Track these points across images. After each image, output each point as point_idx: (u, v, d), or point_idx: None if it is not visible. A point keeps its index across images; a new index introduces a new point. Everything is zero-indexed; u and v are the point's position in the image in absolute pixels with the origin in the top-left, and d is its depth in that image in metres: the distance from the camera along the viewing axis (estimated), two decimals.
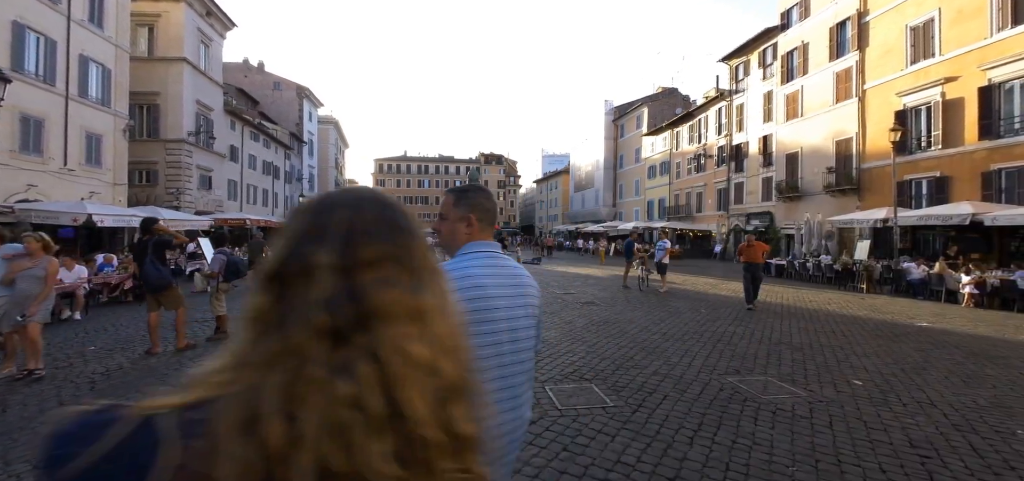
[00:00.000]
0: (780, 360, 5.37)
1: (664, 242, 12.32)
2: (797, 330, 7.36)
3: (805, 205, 24.87)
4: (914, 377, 4.88)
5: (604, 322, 7.62)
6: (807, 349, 6.01)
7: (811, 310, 9.69)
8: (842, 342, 6.53)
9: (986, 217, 13.40)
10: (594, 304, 9.76)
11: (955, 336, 7.36)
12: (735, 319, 8.10)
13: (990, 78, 16.73)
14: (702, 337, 6.55)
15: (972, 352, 6.21)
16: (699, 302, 10.42)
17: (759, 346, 6.07)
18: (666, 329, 7.05)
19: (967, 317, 9.39)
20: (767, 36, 28.78)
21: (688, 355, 5.49)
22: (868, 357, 5.70)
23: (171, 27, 27.14)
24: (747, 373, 4.81)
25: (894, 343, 6.66)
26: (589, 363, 5.00)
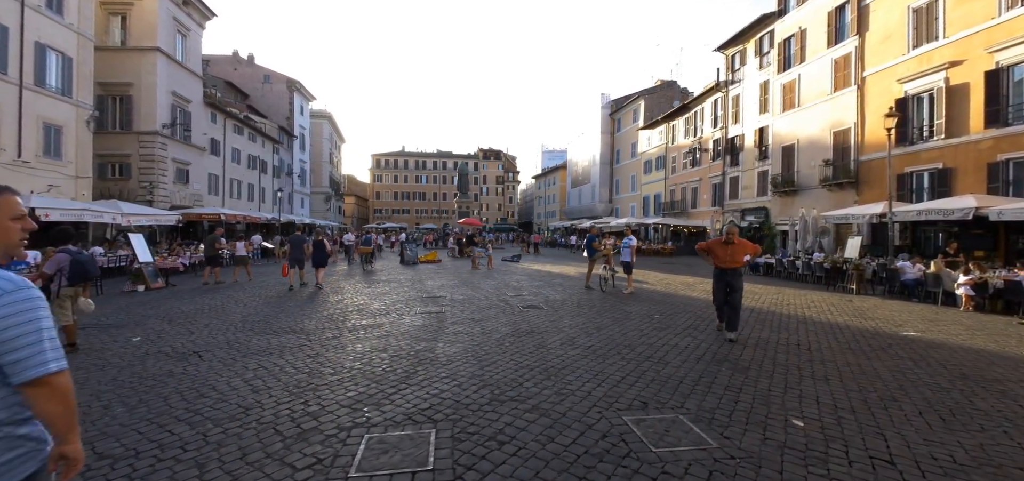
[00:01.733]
0: (711, 387, 4.31)
1: (630, 239, 11.25)
2: (756, 342, 6.27)
3: (801, 200, 23.63)
4: (878, 413, 3.80)
5: (528, 332, 6.58)
6: (754, 370, 4.93)
7: (784, 316, 8.59)
8: (804, 360, 5.45)
9: (991, 211, 12.19)
10: (537, 308, 8.72)
11: (945, 350, 6.25)
12: (688, 329, 7.03)
13: (997, 61, 15.43)
14: (631, 353, 5.50)
15: (961, 374, 5.11)
16: (661, 306, 9.35)
17: (695, 366, 5.01)
18: (594, 342, 6.00)
19: (964, 324, 8.25)
20: (764, 23, 27.45)
21: (595, 379, 4.44)
22: (829, 382, 4.62)
23: (145, 16, 26.33)
24: (656, 407, 3.76)
25: (869, 360, 5.57)
26: (457, 395, 3.96)
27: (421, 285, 12.60)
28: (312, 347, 5.74)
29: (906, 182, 18.75)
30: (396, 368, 4.80)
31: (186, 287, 12.58)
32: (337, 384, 4.28)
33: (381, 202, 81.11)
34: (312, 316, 7.94)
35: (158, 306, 9.19)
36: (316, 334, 6.49)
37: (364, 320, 7.51)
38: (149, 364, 5.09)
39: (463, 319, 7.52)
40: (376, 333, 6.52)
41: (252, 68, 48.92)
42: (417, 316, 7.81)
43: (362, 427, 3.31)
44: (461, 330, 6.70)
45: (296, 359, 5.23)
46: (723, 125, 31.32)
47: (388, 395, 3.94)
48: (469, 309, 8.55)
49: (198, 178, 30.48)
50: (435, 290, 11.41)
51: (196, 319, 7.72)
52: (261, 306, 9.06)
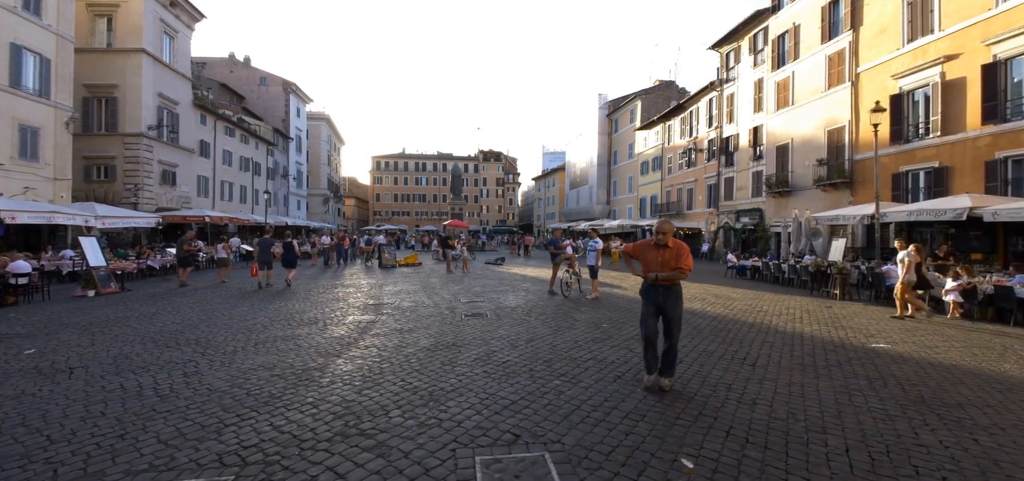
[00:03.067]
0: (610, 413, 3.73)
1: (595, 242, 10.65)
2: (696, 356, 5.68)
3: (795, 201, 22.88)
4: (795, 451, 3.20)
5: (449, 346, 6.01)
6: (674, 392, 4.34)
7: (747, 324, 7.95)
8: (740, 379, 4.85)
9: (985, 211, 11.45)
10: (481, 317, 8.17)
11: (911, 366, 5.61)
12: (630, 340, 6.45)
13: (995, 54, 14.67)
14: (545, 370, 4.93)
15: (919, 396, 4.49)
16: (617, 314, 8.76)
17: (609, 386, 4.43)
18: (512, 357, 5.43)
19: (944, 334, 7.57)
20: (758, 19, 26.75)
21: (480, 405, 3.85)
22: (755, 407, 4.02)
23: (130, 17, 26.21)
24: (526, 442, 3.18)
25: (817, 379, 4.95)
26: (298, 429, 3.35)
27: (379, 290, 12.10)
28: (198, 363, 5.23)
29: (901, 182, 17.97)
30: (264, 391, 4.26)
31: (144, 291, 12.20)
32: (175, 413, 3.74)
33: (381, 204, 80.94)
34: (235, 325, 7.45)
35: (91, 313, 8.77)
36: (218, 347, 5.98)
37: (284, 331, 7.00)
38: (13, 382, 4.61)
39: (389, 331, 6.98)
40: (282, 347, 6.00)
41: (248, 70, 48.90)
42: (343, 327, 7.29)
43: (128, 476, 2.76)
44: (377, 343, 6.17)
45: (169, 377, 4.72)
46: (718, 125, 30.59)
47: (217, 431, 3.39)
48: (406, 319, 8.01)
49: (186, 180, 30.28)
50: (387, 296, 10.89)
51: (113, 328, 7.26)
52: (199, 312, 8.60)
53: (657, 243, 4.47)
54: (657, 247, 4.48)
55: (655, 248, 4.50)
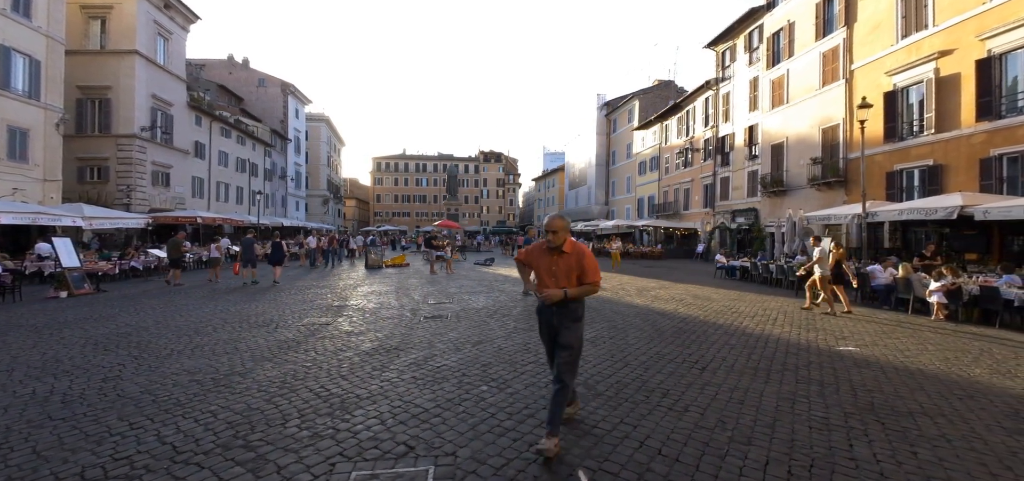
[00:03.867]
0: (524, 421, 3.50)
1: None
2: (645, 360, 5.43)
3: (790, 200, 22.51)
4: (707, 467, 2.96)
5: (392, 349, 5.80)
6: (604, 397, 4.10)
7: (713, 325, 7.68)
8: (682, 383, 4.60)
9: (976, 210, 11.08)
10: (440, 319, 7.96)
11: (872, 370, 5.34)
12: (586, 342, 6.21)
13: (989, 49, 14.30)
14: (479, 376, 4.73)
15: (869, 403, 4.23)
16: (585, 313, 8.51)
17: (530, 395, 4.10)
18: (450, 362, 5.22)
19: (921, 337, 7.27)
20: (753, 17, 26.40)
21: (388, 415, 3.58)
22: (685, 414, 3.77)
23: (124, 19, 26.28)
24: (417, 456, 2.96)
25: (765, 383, 4.70)
26: (160, 447, 3.20)
27: (351, 291, 11.94)
28: (125, 367, 5.07)
29: (895, 180, 17.60)
30: (173, 398, 4.06)
31: (121, 292, 12.09)
32: (68, 422, 3.49)
33: (381, 205, 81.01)
34: (187, 327, 7.30)
35: (54, 314, 8.64)
36: (155, 350, 5.82)
37: (231, 333, 6.82)
38: None
39: (338, 333, 6.79)
40: (219, 350, 5.82)
41: (247, 72, 49.05)
42: (293, 329, 7.10)
43: None
44: (319, 347, 5.97)
45: (86, 383, 4.56)
46: (714, 124, 30.23)
47: (98, 442, 3.16)
48: (362, 321, 7.81)
49: (181, 181, 30.33)
50: (356, 298, 10.70)
51: (63, 331, 7.12)
52: (159, 314, 8.47)
53: (549, 246, 3.28)
54: (550, 252, 3.29)
55: (547, 253, 3.31)
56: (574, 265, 3.24)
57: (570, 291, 3.16)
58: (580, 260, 3.23)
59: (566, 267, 3.23)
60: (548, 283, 3.26)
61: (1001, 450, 3.36)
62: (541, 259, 3.36)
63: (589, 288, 3.24)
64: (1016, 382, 5.06)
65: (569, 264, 3.24)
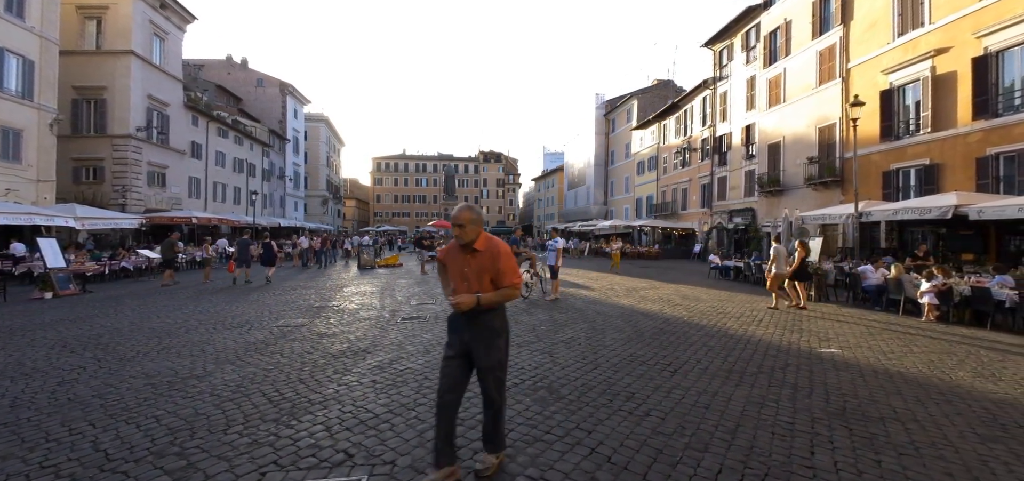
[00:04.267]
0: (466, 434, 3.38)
1: (556, 241, 10.29)
2: (617, 361, 5.31)
3: (787, 200, 22.32)
4: (656, 477, 2.84)
5: (356, 352, 5.69)
6: (553, 404, 3.98)
7: (695, 327, 7.54)
8: (650, 386, 4.48)
9: (970, 210, 10.91)
10: (418, 320, 7.84)
11: (850, 372, 5.21)
12: (556, 346, 6.09)
13: (985, 47, 14.11)
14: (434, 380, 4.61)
15: (840, 407, 4.11)
16: (565, 316, 8.40)
17: None
18: (413, 365, 5.10)
19: (908, 339, 7.11)
20: (750, 16, 26.23)
21: (319, 426, 3.53)
22: (642, 420, 3.65)
23: (119, 19, 26.28)
24: (352, 466, 2.85)
25: (738, 386, 4.57)
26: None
27: (336, 292, 11.85)
28: (86, 369, 4.99)
29: (892, 180, 17.41)
30: (123, 402, 3.96)
31: (107, 293, 12.02)
32: (7, 428, 3.45)
33: (381, 205, 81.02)
34: (162, 328, 7.21)
35: (33, 316, 8.57)
36: (120, 352, 5.74)
37: (203, 334, 6.73)
38: None
39: (311, 335, 6.68)
40: (186, 352, 5.72)
41: (246, 72, 49.08)
42: (267, 331, 7.00)
43: None
44: (287, 349, 5.87)
45: (42, 386, 4.48)
46: (711, 124, 30.06)
47: (29, 449, 3.05)
48: (338, 322, 7.71)
49: (177, 181, 30.31)
50: (338, 299, 10.59)
51: (37, 332, 7.04)
52: (138, 315, 8.39)
53: (461, 243, 2.78)
54: (462, 250, 2.79)
55: (461, 251, 2.81)
56: (487, 266, 2.72)
57: (483, 297, 2.64)
58: (495, 260, 2.73)
59: (478, 268, 2.73)
60: (460, 288, 2.77)
61: (970, 459, 3.23)
62: (454, 259, 2.84)
63: (507, 293, 2.74)
64: (999, 386, 4.92)
65: (482, 264, 2.73)
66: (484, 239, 2.79)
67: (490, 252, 2.75)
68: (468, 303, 2.61)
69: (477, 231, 2.77)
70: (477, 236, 2.76)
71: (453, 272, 2.84)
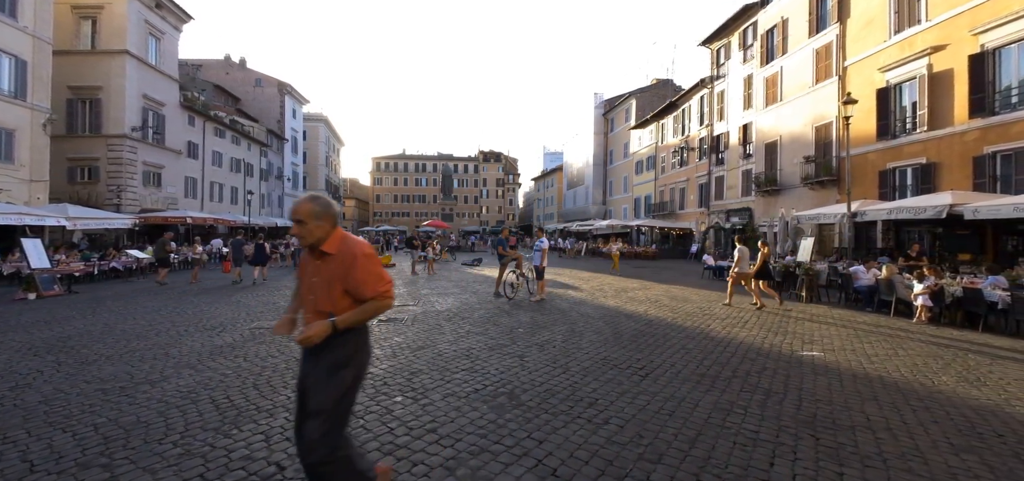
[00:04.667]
0: (407, 445, 3.24)
1: (542, 241, 10.14)
2: (588, 364, 5.16)
3: (784, 199, 22.13)
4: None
5: None
6: (510, 411, 3.84)
7: (680, 328, 7.38)
8: (616, 391, 4.34)
9: (965, 209, 10.73)
10: (395, 322, 7.71)
11: (829, 377, 5.05)
12: (528, 350, 5.95)
13: (983, 44, 13.91)
14: (400, 385, 4.50)
15: (811, 415, 3.96)
16: (546, 317, 8.26)
17: (441, 407, 3.95)
18: (375, 370, 4.98)
19: (895, 342, 6.94)
20: (747, 14, 26.02)
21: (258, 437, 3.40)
22: (599, 429, 3.50)
23: (114, 19, 26.25)
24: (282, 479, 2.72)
25: (708, 392, 4.42)
26: None
27: None
28: (42, 374, 4.88)
29: (888, 179, 17.20)
30: (65, 410, 3.80)
31: (93, 293, 11.93)
32: None
33: (381, 205, 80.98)
34: (134, 331, 7.10)
35: (11, 317, 8.47)
36: (83, 356, 5.62)
37: (171, 338, 6.61)
38: None
39: (279, 339, 6.55)
40: (148, 356, 5.59)
41: (244, 72, 49.08)
42: (238, 334, 6.88)
43: None
44: (251, 353, 5.74)
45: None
46: (709, 123, 29.85)
47: None
48: None
49: (173, 181, 30.27)
50: None
51: (9, 334, 6.94)
52: (114, 317, 8.28)
53: (306, 246, 2.20)
54: (312, 256, 2.21)
55: (310, 258, 2.24)
56: (339, 274, 2.10)
57: (339, 319, 2.05)
58: (348, 267, 2.09)
59: (328, 278, 2.12)
60: (305, 305, 2.20)
61: (940, 471, 3.08)
62: (304, 269, 2.26)
63: (371, 308, 2.13)
64: (982, 392, 4.75)
65: (333, 273, 2.11)
66: (338, 240, 2.18)
67: (344, 256, 2.12)
68: (317, 335, 2.01)
69: (325, 229, 2.15)
70: (326, 235, 2.15)
71: (302, 287, 2.27)
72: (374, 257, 2.20)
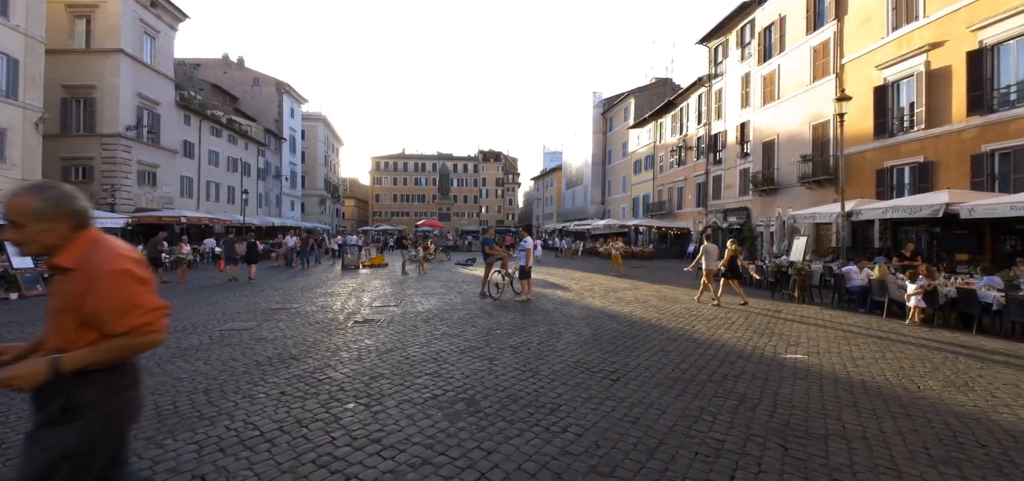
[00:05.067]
0: (345, 459, 3.07)
1: (526, 241, 9.95)
2: (559, 368, 4.97)
3: (781, 199, 21.90)
4: None
5: (277, 361, 5.37)
6: (464, 415, 3.66)
7: (663, 329, 7.19)
8: (579, 397, 4.16)
9: (962, 208, 10.51)
10: (371, 323, 7.53)
11: (808, 382, 4.86)
12: (501, 352, 5.78)
13: (981, 40, 13.67)
14: (356, 391, 4.32)
15: (783, 423, 3.77)
16: (526, 318, 8.08)
17: (394, 414, 3.78)
18: (335, 375, 4.81)
19: (880, 345, 6.73)
20: (745, 11, 25.76)
21: (190, 448, 3.23)
22: (556, 437, 3.31)
23: (109, 18, 26.15)
24: None
25: (678, 398, 4.23)
26: None
27: (307, 292, 11.56)
28: None
29: (885, 178, 16.96)
30: None
31: None
32: None
33: (380, 204, 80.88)
34: None
35: None
36: None
37: None
38: None
39: (250, 340, 6.35)
40: None
41: (242, 71, 49.01)
42: (206, 336, 6.71)
43: None
44: (215, 356, 5.57)
45: None
46: (706, 122, 29.60)
47: None
48: (290, 325, 7.39)
49: (168, 180, 30.16)
50: (301, 301, 10.27)
51: None
52: None
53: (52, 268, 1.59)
54: (53, 271, 1.61)
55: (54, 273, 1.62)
56: (73, 299, 1.52)
57: (66, 359, 1.47)
58: (87, 288, 1.50)
59: (62, 302, 1.55)
60: (48, 338, 1.60)
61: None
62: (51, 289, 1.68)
63: (119, 347, 1.51)
64: (969, 397, 4.55)
65: (66, 298, 1.54)
66: (81, 250, 1.56)
67: (84, 274, 1.52)
68: (23, 379, 1.43)
69: (57, 234, 1.54)
70: (60, 243, 1.55)
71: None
72: (132, 276, 1.54)
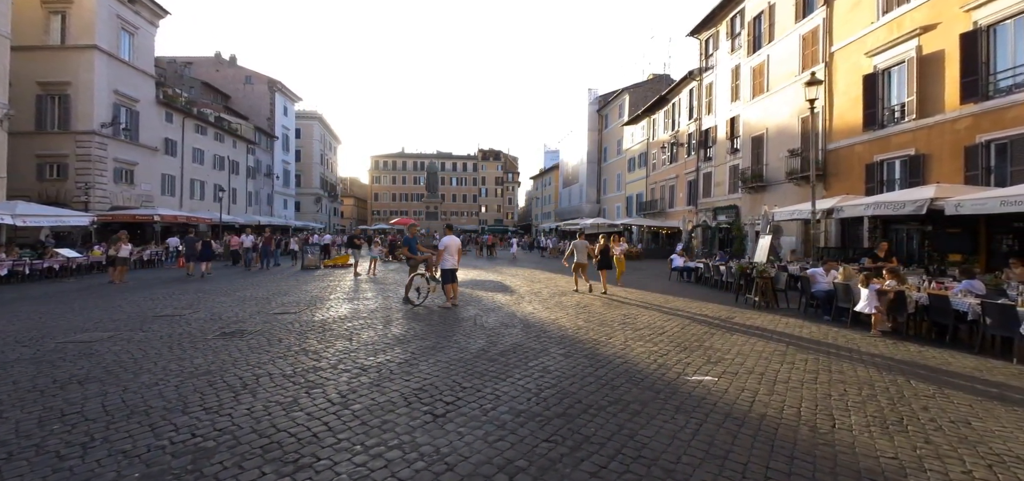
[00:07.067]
0: None
1: (447, 239, 9.05)
2: (391, 380, 4.07)
3: (769, 196, 20.74)
4: None
5: (80, 381, 4.57)
6: None
7: (564, 341, 6.25)
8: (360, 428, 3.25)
9: (947, 203, 9.42)
10: (238, 336, 6.68)
11: (688, 415, 3.91)
12: (386, 364, 4.89)
13: (975, 20, 12.50)
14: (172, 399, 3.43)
15: (611, 456, 2.81)
16: (442, 326, 7.18)
17: None
18: (151, 397, 3.95)
19: (816, 364, 5.72)
20: (735, 0, 24.53)
21: None
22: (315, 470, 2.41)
23: (84, 14, 25.78)
24: None
25: (492, 446, 3.31)
26: None
27: (216, 295, 10.77)
28: None
29: (875, 173, 15.79)
30: None
31: (20, 293, 11.19)
32: None
33: (379, 203, 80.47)
34: (14, 337, 6.21)
35: None
36: None
37: (12, 352, 5.70)
38: None
39: (52, 361, 5.58)
40: None
41: (234, 69, 48.76)
42: (39, 348, 5.93)
43: None
44: (12, 375, 4.78)
45: None
46: (697, 117, 28.42)
47: None
48: (144, 336, 6.59)
49: (148, 179, 29.76)
50: (200, 304, 9.46)
51: None
52: (4, 323, 7.46)
53: None
54: None
55: None
56: None
57: None
58: None
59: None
60: None
61: None
62: None
63: None
64: (894, 442, 3.56)
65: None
66: None
67: None
68: None
69: None
70: None
71: None
72: None
